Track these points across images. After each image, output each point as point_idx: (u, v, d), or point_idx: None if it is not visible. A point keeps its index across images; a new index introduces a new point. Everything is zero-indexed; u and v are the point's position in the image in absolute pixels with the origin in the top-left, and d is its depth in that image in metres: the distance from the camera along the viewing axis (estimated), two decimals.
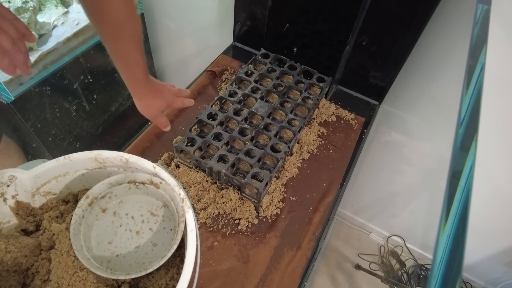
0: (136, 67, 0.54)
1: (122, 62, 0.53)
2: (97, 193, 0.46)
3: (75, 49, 1.02)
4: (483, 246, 1.27)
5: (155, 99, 0.62)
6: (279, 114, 0.80)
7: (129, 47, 0.51)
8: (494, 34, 0.75)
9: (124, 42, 0.50)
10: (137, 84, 0.58)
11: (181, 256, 0.47)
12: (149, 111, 0.63)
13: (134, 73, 0.55)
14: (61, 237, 0.43)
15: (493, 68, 0.76)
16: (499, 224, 1.16)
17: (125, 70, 0.55)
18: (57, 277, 0.41)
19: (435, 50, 0.84)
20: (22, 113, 0.90)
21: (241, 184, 0.66)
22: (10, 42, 0.38)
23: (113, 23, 0.46)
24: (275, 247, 0.66)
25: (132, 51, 0.52)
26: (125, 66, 0.54)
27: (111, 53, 0.52)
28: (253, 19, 0.97)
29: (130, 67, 0.54)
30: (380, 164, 1.19)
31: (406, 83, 0.93)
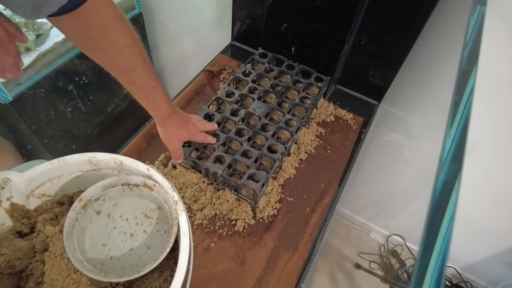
0: (154, 94, 0.55)
1: (141, 92, 0.54)
2: (90, 196, 0.46)
3: (73, 49, 1.02)
4: (484, 246, 1.26)
5: (178, 129, 0.63)
6: (277, 115, 0.79)
7: (142, 74, 0.51)
8: (489, 36, 0.75)
9: (138, 71, 0.50)
10: (160, 112, 0.58)
11: (175, 259, 0.47)
12: (170, 140, 0.63)
13: (154, 100, 0.56)
14: (55, 240, 0.43)
15: (488, 69, 0.76)
16: (501, 224, 1.15)
17: (145, 100, 0.55)
18: (50, 280, 0.41)
19: (434, 49, 0.83)
20: (20, 113, 0.90)
21: (238, 185, 0.66)
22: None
23: (124, 52, 0.47)
24: (272, 248, 0.66)
25: (147, 78, 0.52)
26: (144, 95, 0.54)
27: (127, 84, 0.52)
28: (251, 18, 0.96)
29: (149, 95, 0.54)
30: (379, 164, 1.19)
31: (406, 82, 0.92)
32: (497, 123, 0.89)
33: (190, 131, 0.65)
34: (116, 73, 0.50)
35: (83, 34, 0.43)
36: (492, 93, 0.83)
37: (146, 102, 0.56)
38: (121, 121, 1.25)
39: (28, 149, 1.01)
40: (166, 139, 0.64)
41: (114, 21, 0.44)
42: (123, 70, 0.49)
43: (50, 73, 0.96)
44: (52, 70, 0.96)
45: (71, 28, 0.42)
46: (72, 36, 0.44)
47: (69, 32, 0.43)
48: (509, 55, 0.75)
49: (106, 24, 0.43)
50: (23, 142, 0.99)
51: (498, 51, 0.76)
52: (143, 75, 0.51)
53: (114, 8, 0.43)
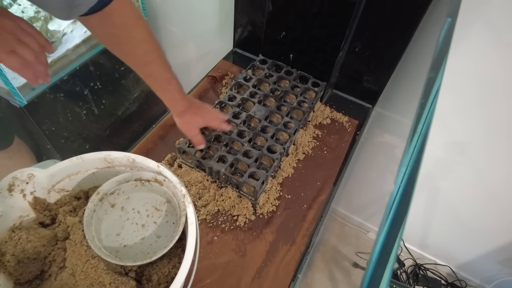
0: (169, 86, 0.61)
1: (157, 83, 0.60)
2: (106, 190, 0.51)
3: (83, 55, 1.07)
4: (478, 244, 1.30)
5: (193, 116, 0.68)
6: (276, 117, 0.84)
7: (158, 67, 0.57)
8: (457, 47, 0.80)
9: (154, 64, 0.56)
10: (175, 102, 0.65)
11: (182, 247, 0.51)
12: (187, 127, 0.69)
13: (169, 91, 0.62)
14: (75, 229, 0.48)
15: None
16: (493, 223, 1.19)
17: (161, 91, 0.62)
18: (71, 264, 0.46)
19: (424, 55, 0.88)
20: (33, 116, 0.96)
21: (239, 182, 0.70)
22: (33, 55, 0.43)
23: (142, 46, 0.53)
24: (271, 242, 0.70)
25: (162, 70, 0.58)
26: (160, 86, 0.61)
27: (145, 76, 0.58)
28: (252, 26, 1.02)
29: (164, 87, 0.61)
30: (373, 164, 1.23)
31: (398, 86, 0.97)
32: (488, 124, 0.93)
33: (205, 118, 0.70)
34: (136, 66, 0.56)
35: (107, 31, 0.50)
36: (482, 95, 0.88)
37: (162, 93, 0.62)
38: (130, 123, 1.33)
39: (44, 149, 1.06)
40: (182, 126, 0.69)
41: (134, 19, 0.50)
42: (141, 63, 0.56)
43: (63, 78, 1.01)
44: (64, 75, 1.01)
45: (97, 26, 0.49)
46: (97, 33, 0.51)
47: (95, 29, 0.50)
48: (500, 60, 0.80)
49: (127, 21, 0.49)
50: (39, 143, 1.05)
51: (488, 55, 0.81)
52: (159, 68, 0.58)
53: (134, 8, 0.50)
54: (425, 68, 0.91)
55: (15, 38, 0.42)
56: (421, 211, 1.34)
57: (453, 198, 1.20)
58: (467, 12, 0.76)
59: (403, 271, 1.58)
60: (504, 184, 1.05)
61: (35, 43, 0.44)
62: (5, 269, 0.44)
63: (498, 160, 1.00)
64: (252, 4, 0.96)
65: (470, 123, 0.95)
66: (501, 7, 0.72)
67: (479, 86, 0.87)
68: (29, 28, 0.44)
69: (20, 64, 0.42)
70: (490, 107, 0.90)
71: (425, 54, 0.87)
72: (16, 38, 0.42)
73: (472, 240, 1.29)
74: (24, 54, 0.42)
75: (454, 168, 1.09)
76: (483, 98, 0.89)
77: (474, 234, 1.27)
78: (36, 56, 0.44)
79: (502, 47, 0.77)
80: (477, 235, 1.27)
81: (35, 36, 0.44)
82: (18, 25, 0.43)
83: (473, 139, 0.99)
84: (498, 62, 0.80)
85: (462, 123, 0.97)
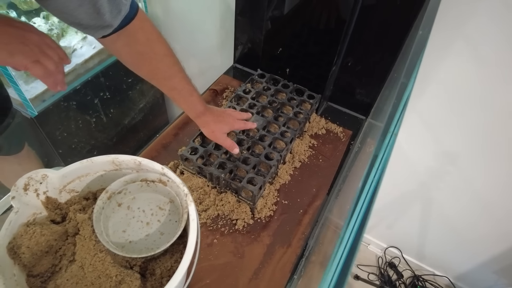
0: (191, 97, 0.66)
1: (180, 96, 0.65)
2: (114, 189, 0.55)
3: (91, 70, 1.14)
4: (474, 254, 1.32)
5: (218, 124, 0.73)
6: (273, 127, 0.89)
7: (181, 80, 0.63)
8: (433, 55, 0.86)
9: (177, 77, 0.62)
10: (198, 114, 0.70)
11: (183, 244, 0.55)
12: (214, 136, 0.74)
13: (192, 103, 0.67)
14: (85, 225, 0.52)
15: None
16: (487, 233, 1.22)
17: (185, 103, 0.67)
18: (81, 258, 0.50)
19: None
20: (43, 126, 1.01)
21: (238, 188, 0.74)
22: (54, 65, 0.49)
23: (166, 60, 0.58)
24: (268, 244, 0.73)
25: (184, 83, 0.64)
26: (184, 99, 0.66)
27: (169, 90, 0.63)
28: (251, 43, 1.08)
29: (187, 99, 0.66)
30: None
31: (389, 99, 1.02)
32: (477, 134, 0.97)
33: (228, 123, 0.75)
34: (160, 81, 0.62)
35: (132, 50, 0.55)
36: (470, 106, 0.93)
37: (186, 105, 0.67)
38: (135, 132, 1.39)
39: (49, 157, 1.11)
40: (210, 135, 0.74)
41: (156, 34, 0.56)
42: (165, 77, 0.61)
43: (71, 91, 1.07)
44: (72, 89, 1.07)
45: (124, 46, 0.54)
46: (124, 54, 0.56)
47: (122, 50, 0.55)
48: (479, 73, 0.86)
49: (150, 37, 0.55)
50: (46, 151, 1.10)
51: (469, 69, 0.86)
52: (181, 81, 0.63)
53: (153, 25, 0.56)
54: (417, 80, 0.97)
55: (40, 50, 0.47)
56: (417, 221, 1.36)
57: (447, 208, 1.24)
58: (448, 29, 0.83)
59: (402, 283, 1.59)
60: (496, 193, 1.09)
61: (56, 55, 0.49)
62: (19, 261, 0.47)
63: (488, 169, 1.04)
64: (251, 23, 1.03)
65: (457, 134, 1.00)
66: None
67: (466, 99, 0.92)
68: (52, 43, 0.50)
69: (43, 72, 0.48)
70: (476, 118, 0.94)
71: None
72: (41, 50, 0.47)
73: (468, 250, 1.31)
74: (47, 64, 0.48)
75: (446, 178, 1.13)
76: (469, 109, 0.94)
77: (469, 244, 1.29)
78: (56, 66, 0.49)
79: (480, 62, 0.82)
80: (473, 245, 1.29)
81: (56, 50, 0.50)
82: (43, 40, 0.49)
83: (461, 149, 1.03)
84: (477, 76, 0.85)
85: (451, 134, 1.01)
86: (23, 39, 0.46)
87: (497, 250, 1.24)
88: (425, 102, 1.00)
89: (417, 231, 1.42)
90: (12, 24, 0.46)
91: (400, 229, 1.48)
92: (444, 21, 0.80)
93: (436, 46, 0.88)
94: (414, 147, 1.12)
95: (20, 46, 0.45)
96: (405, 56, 0.90)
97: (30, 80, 1.01)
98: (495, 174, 1.03)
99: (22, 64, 0.46)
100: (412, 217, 1.39)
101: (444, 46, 0.88)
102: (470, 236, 1.26)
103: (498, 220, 1.13)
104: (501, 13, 0.73)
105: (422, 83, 0.98)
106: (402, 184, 1.27)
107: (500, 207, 1.11)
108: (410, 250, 1.56)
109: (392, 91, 0.97)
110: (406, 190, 1.30)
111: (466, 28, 0.80)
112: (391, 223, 1.50)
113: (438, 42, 0.86)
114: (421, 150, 1.12)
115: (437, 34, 0.82)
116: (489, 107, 0.90)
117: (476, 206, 1.17)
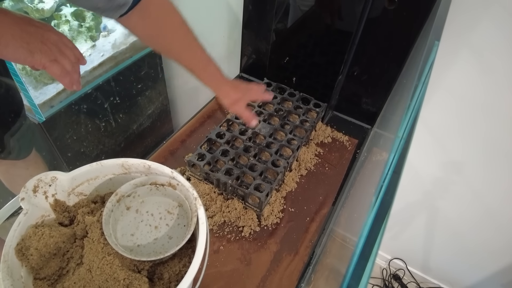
0: (210, 66, 0.67)
1: (199, 66, 0.66)
2: (124, 192, 0.55)
3: (99, 77, 1.15)
4: (481, 267, 1.30)
5: (238, 94, 0.72)
6: (280, 135, 0.89)
7: (197, 49, 0.64)
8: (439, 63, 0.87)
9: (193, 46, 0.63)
10: (218, 84, 0.70)
11: (192, 248, 0.54)
12: (235, 107, 0.73)
13: (211, 72, 0.68)
14: (93, 228, 0.52)
15: None
16: (495, 244, 1.20)
17: (204, 73, 0.68)
18: (88, 260, 0.49)
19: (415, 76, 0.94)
20: (50, 131, 1.02)
21: (245, 194, 0.74)
22: (71, 65, 0.50)
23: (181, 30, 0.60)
24: (275, 252, 0.73)
25: (201, 52, 0.65)
26: (203, 68, 0.67)
27: (187, 61, 0.65)
28: (258, 53, 1.09)
29: (206, 68, 0.67)
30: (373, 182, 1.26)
31: (395, 108, 1.02)
32: (482, 144, 0.97)
33: (248, 93, 0.74)
34: (177, 53, 0.63)
35: (147, 24, 0.57)
36: (475, 115, 0.93)
37: (205, 75, 0.68)
38: (143, 138, 1.40)
39: (56, 162, 1.12)
40: (230, 107, 0.72)
41: (168, 6, 0.58)
42: (182, 48, 0.62)
43: (79, 97, 1.08)
44: (81, 94, 1.08)
45: (138, 21, 0.56)
46: (140, 29, 0.58)
47: (137, 26, 0.57)
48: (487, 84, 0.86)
49: (163, 9, 0.57)
50: (53, 156, 1.10)
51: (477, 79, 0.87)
52: (198, 51, 0.64)
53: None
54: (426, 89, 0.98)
55: (58, 49, 0.48)
56: (422, 232, 1.35)
57: (453, 219, 1.22)
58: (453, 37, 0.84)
59: None
60: (504, 204, 1.08)
61: (72, 55, 0.50)
62: (27, 262, 0.47)
63: (496, 179, 1.03)
64: (258, 34, 1.05)
65: (462, 142, 1.00)
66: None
67: (472, 107, 0.93)
68: (69, 43, 0.51)
69: (60, 71, 0.49)
70: (482, 126, 0.94)
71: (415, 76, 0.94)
72: (59, 50, 0.48)
73: (475, 262, 1.29)
74: (64, 64, 0.49)
75: (452, 188, 1.12)
76: (475, 118, 0.94)
77: (476, 256, 1.27)
78: (73, 66, 0.50)
79: (485, 70, 0.83)
80: (480, 257, 1.27)
81: (73, 50, 0.51)
82: (61, 39, 0.50)
83: (467, 158, 1.03)
84: (483, 84, 0.86)
85: (457, 142, 1.01)
86: (42, 38, 0.47)
87: (505, 263, 1.22)
88: (430, 110, 1.00)
89: (422, 243, 1.40)
90: (33, 24, 0.47)
91: (405, 240, 1.46)
92: (449, 29, 0.81)
93: (441, 54, 0.89)
94: (419, 156, 1.12)
95: (39, 45, 0.46)
96: (416, 64, 0.91)
97: (39, 86, 1.02)
98: (504, 184, 1.03)
99: (41, 63, 0.47)
100: (417, 228, 1.38)
101: (449, 54, 0.89)
102: (477, 248, 1.24)
103: (507, 231, 1.12)
104: (506, 20, 0.74)
105: (427, 91, 0.98)
106: (407, 194, 1.27)
107: (509, 219, 1.09)
108: (415, 262, 1.54)
109: (401, 99, 0.98)
110: (411, 200, 1.29)
111: (471, 36, 0.81)
112: (395, 234, 1.48)
113: (443, 50, 0.87)
114: (426, 159, 1.11)
115: (443, 42, 0.83)
116: (495, 116, 0.90)
117: (483, 217, 1.15)
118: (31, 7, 1.05)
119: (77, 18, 1.13)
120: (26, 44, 0.45)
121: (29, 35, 0.45)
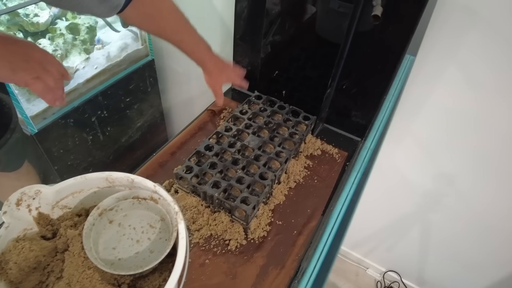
0: (199, 46, 0.74)
1: (188, 47, 0.72)
2: (106, 205, 0.55)
3: (93, 89, 1.17)
4: (476, 280, 1.28)
5: (219, 74, 0.81)
6: (269, 147, 0.90)
7: (188, 33, 0.70)
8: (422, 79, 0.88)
9: (184, 31, 0.69)
10: (205, 62, 0.76)
11: (173, 262, 0.54)
12: (212, 83, 0.81)
13: (199, 53, 0.74)
14: (74, 241, 0.52)
15: None
16: (489, 256, 1.19)
17: (192, 54, 0.74)
18: (68, 274, 0.49)
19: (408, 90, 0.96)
20: (42, 143, 1.02)
21: (232, 207, 0.74)
22: (53, 81, 0.51)
23: (172, 17, 0.65)
24: (261, 266, 0.72)
25: (191, 36, 0.71)
26: (191, 50, 0.73)
27: (178, 43, 0.70)
28: (249, 66, 1.11)
29: (195, 50, 0.73)
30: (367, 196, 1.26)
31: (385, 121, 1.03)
32: (474, 156, 0.98)
33: (228, 76, 0.84)
34: (169, 36, 0.67)
35: (141, 14, 0.60)
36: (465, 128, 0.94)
37: (194, 55, 0.74)
38: (132, 151, 1.41)
39: (48, 174, 1.12)
40: (209, 82, 0.80)
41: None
42: (173, 32, 0.67)
43: (71, 109, 1.09)
44: (72, 107, 1.09)
45: (135, 15, 0.59)
46: (136, 20, 0.62)
47: (133, 18, 0.60)
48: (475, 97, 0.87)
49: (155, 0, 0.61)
50: (45, 167, 1.10)
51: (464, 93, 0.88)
52: (188, 33, 0.70)
53: None
54: (418, 103, 0.99)
55: (42, 67, 0.49)
56: (417, 244, 1.34)
57: (446, 231, 1.22)
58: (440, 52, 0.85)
59: None
60: (496, 216, 1.08)
61: (56, 72, 0.52)
62: (6, 277, 0.47)
63: (488, 191, 1.04)
64: (249, 48, 1.06)
65: (455, 155, 1.00)
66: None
67: (460, 119, 0.94)
68: (53, 60, 0.52)
69: (42, 88, 0.50)
70: (472, 139, 0.95)
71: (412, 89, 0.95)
72: (42, 67, 0.50)
73: (470, 274, 1.28)
74: (47, 80, 0.50)
75: (445, 200, 1.12)
76: (464, 131, 0.95)
77: (471, 268, 1.26)
78: (55, 82, 0.51)
79: (472, 84, 0.84)
80: (475, 269, 1.26)
81: (56, 66, 0.52)
82: (45, 56, 0.51)
83: (458, 170, 1.03)
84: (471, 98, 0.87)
85: (448, 156, 1.02)
86: (26, 56, 0.48)
87: (501, 276, 1.21)
88: (420, 124, 1.01)
89: (416, 255, 1.40)
90: (16, 43, 0.48)
91: (399, 253, 1.45)
92: (435, 45, 0.82)
93: (429, 68, 0.91)
94: (411, 170, 1.13)
95: (22, 63, 0.48)
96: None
97: (32, 98, 1.03)
98: (495, 196, 1.03)
99: (23, 81, 0.48)
100: (411, 240, 1.37)
101: (436, 69, 0.90)
102: (471, 260, 1.23)
103: (500, 244, 1.12)
104: (490, 36, 0.75)
105: (416, 106, 0.99)
106: (401, 206, 1.27)
107: (502, 230, 1.09)
108: (410, 275, 1.52)
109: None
110: (405, 213, 1.29)
111: (457, 51, 0.82)
112: (390, 246, 1.47)
113: (431, 64, 0.88)
114: (418, 173, 1.12)
115: (429, 56, 0.84)
116: (483, 129, 0.91)
117: (476, 230, 1.15)
118: (26, 21, 1.07)
119: (72, 31, 1.16)
120: (8, 63, 0.46)
121: (12, 54, 0.46)
